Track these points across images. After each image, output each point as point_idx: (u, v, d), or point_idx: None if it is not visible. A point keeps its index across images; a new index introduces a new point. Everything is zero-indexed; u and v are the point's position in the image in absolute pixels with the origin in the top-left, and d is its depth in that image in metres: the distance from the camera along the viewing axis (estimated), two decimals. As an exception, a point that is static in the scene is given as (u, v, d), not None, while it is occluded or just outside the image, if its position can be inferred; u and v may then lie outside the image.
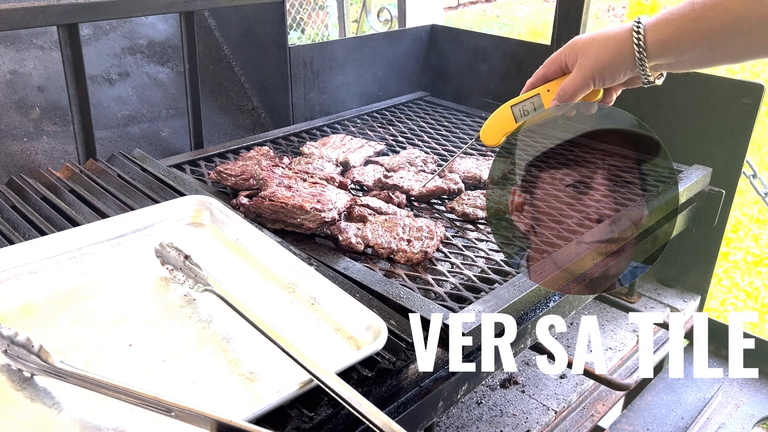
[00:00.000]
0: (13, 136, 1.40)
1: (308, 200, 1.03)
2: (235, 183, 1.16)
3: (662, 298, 1.52)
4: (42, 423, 0.65)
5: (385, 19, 2.62)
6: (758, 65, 5.53)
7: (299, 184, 1.10)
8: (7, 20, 1.10)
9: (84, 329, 0.79)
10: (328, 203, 1.03)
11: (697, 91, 1.42)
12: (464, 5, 7.48)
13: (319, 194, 1.06)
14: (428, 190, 1.19)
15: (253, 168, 1.16)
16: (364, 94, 1.84)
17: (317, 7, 4.12)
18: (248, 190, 1.16)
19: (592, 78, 0.89)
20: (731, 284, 2.95)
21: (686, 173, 1.32)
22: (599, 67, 0.88)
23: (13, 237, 0.97)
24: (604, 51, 0.87)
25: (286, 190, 1.07)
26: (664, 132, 1.48)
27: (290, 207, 1.02)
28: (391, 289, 0.88)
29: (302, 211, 1.01)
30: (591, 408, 1.25)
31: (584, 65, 0.89)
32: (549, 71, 0.95)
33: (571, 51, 0.91)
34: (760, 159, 3.97)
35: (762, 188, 1.63)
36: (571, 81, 0.91)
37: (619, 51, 0.85)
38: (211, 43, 1.76)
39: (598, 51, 0.88)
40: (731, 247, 3.20)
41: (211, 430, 0.61)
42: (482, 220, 1.13)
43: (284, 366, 0.74)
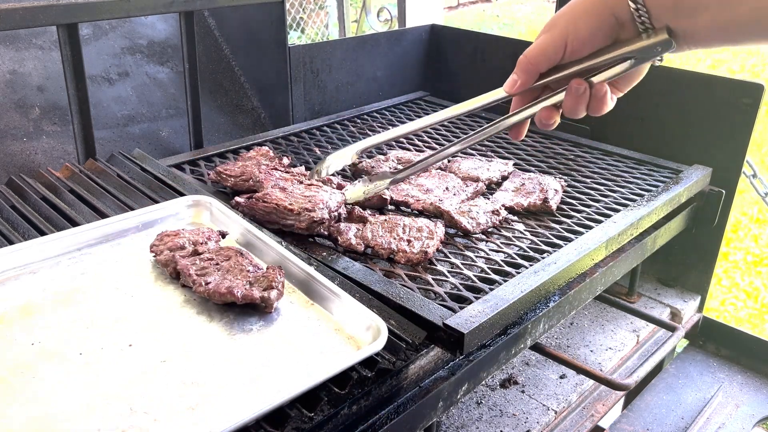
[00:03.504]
0: (12, 136, 1.40)
1: (299, 201, 1.04)
2: (235, 183, 1.16)
3: (662, 298, 1.52)
4: (42, 422, 0.65)
5: (385, 19, 2.63)
6: (758, 65, 5.53)
7: (295, 186, 1.11)
8: (6, 20, 1.10)
9: (84, 329, 0.79)
10: (319, 203, 1.03)
11: (697, 91, 1.42)
12: (464, 5, 7.48)
13: (312, 195, 1.06)
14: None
15: (253, 170, 1.16)
16: (364, 94, 1.84)
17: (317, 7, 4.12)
18: (248, 191, 1.16)
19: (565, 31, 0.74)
20: (731, 284, 2.95)
21: (686, 173, 1.32)
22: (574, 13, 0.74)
23: (12, 237, 0.97)
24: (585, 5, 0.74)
25: (280, 191, 1.08)
26: (664, 132, 1.48)
27: (281, 208, 1.03)
28: (391, 289, 0.88)
29: (292, 213, 1.02)
30: (591, 408, 1.26)
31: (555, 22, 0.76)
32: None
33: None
34: (760, 159, 3.98)
35: (762, 188, 1.63)
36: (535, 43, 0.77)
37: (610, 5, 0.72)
38: (211, 43, 1.76)
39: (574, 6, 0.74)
40: (731, 247, 3.20)
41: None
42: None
43: (284, 366, 0.74)
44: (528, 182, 1.25)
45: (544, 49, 0.76)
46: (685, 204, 1.30)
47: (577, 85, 0.76)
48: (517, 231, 1.11)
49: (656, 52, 0.72)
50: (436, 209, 1.13)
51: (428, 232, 1.03)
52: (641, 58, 0.73)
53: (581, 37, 0.73)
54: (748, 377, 1.39)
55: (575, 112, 0.78)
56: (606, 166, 1.39)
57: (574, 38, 0.74)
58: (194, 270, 0.86)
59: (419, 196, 1.18)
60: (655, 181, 1.31)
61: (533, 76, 0.78)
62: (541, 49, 0.76)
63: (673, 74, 1.45)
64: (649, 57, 0.73)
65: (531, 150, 1.47)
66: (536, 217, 1.17)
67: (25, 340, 0.76)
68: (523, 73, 0.78)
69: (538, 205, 1.18)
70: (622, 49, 0.73)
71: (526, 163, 1.41)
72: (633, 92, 0.83)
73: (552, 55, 0.76)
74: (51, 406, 0.67)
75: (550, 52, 0.76)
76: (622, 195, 1.25)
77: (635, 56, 0.73)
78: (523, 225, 1.14)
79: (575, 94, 0.77)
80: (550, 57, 0.76)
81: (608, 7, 0.71)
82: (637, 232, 1.15)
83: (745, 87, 1.34)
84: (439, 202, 1.15)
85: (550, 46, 0.75)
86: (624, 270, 1.19)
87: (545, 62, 0.77)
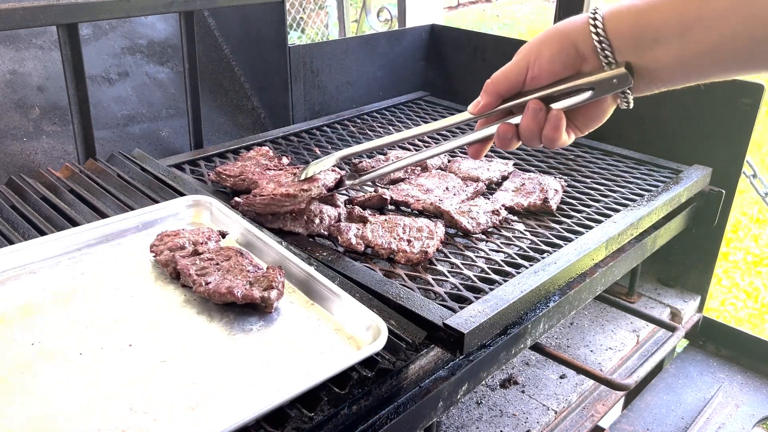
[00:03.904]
0: (12, 136, 1.40)
1: (295, 186, 1.05)
2: (234, 184, 1.16)
3: (662, 298, 1.52)
4: (42, 422, 0.65)
5: (385, 18, 2.63)
6: (758, 65, 5.52)
7: (289, 178, 1.11)
8: (6, 20, 1.10)
9: (84, 329, 0.79)
10: (315, 182, 1.04)
11: (697, 91, 1.41)
12: (464, 5, 7.48)
13: (306, 181, 1.08)
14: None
15: (249, 172, 1.17)
16: (364, 94, 1.84)
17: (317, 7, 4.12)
18: (247, 191, 1.16)
19: (528, 57, 0.76)
20: (731, 284, 2.95)
21: (686, 173, 1.32)
22: (538, 41, 0.76)
23: (12, 237, 0.97)
24: (549, 33, 0.76)
25: (275, 184, 1.09)
26: (664, 132, 1.48)
27: (279, 196, 1.03)
28: (391, 289, 0.88)
29: (289, 197, 1.02)
30: (591, 408, 1.26)
31: (522, 48, 0.78)
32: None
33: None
34: (760, 159, 3.98)
35: (762, 188, 1.63)
36: (501, 68, 0.80)
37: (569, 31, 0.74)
38: (211, 43, 1.76)
39: (543, 34, 0.77)
40: (731, 247, 3.20)
41: None
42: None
43: (284, 366, 0.74)
44: (528, 182, 1.25)
45: (507, 74, 0.79)
46: (685, 204, 1.30)
47: (533, 104, 0.78)
48: (517, 231, 1.11)
49: (614, 86, 0.73)
50: (436, 209, 1.13)
51: (428, 232, 1.03)
52: (600, 91, 0.74)
53: (542, 65, 0.76)
54: (748, 377, 1.39)
55: (529, 133, 0.79)
56: (606, 166, 1.39)
57: (535, 65, 0.76)
58: (194, 270, 0.86)
59: (419, 196, 1.18)
60: (655, 181, 1.31)
61: (496, 99, 0.81)
62: (505, 74, 0.79)
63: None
64: (608, 90, 0.74)
65: (531, 150, 1.47)
66: (536, 217, 1.17)
67: (25, 340, 0.76)
68: (486, 95, 0.81)
69: (538, 205, 1.18)
70: (580, 80, 0.75)
71: (526, 163, 1.41)
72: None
73: (514, 80, 0.79)
74: (51, 406, 0.67)
75: (512, 76, 0.79)
76: (622, 195, 1.25)
77: (593, 87, 0.74)
78: (523, 225, 1.14)
79: (531, 114, 0.78)
80: (512, 81, 0.79)
81: (571, 38, 0.73)
82: (637, 232, 1.15)
83: (745, 87, 1.34)
84: (439, 202, 1.15)
85: (513, 70, 0.78)
86: (624, 270, 1.19)
87: (507, 86, 0.79)
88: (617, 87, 0.73)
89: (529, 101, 0.78)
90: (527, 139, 0.80)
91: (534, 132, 0.79)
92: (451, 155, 1.42)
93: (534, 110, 0.78)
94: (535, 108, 0.78)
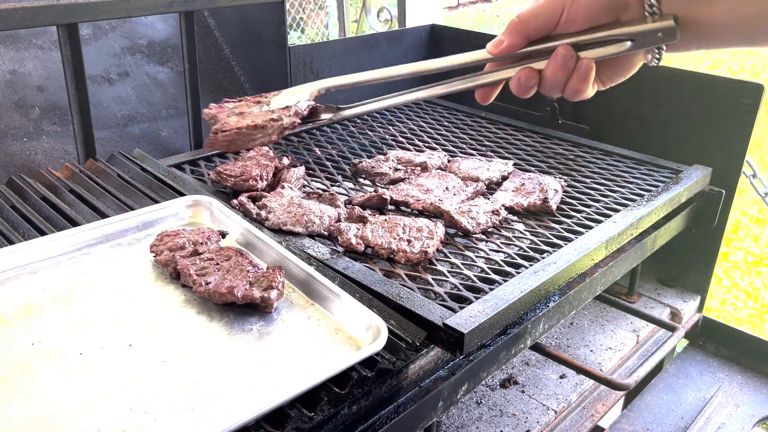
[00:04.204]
0: (12, 136, 1.40)
1: (263, 116, 0.91)
2: (235, 183, 1.16)
3: (662, 298, 1.52)
4: (42, 422, 0.65)
5: (385, 19, 2.63)
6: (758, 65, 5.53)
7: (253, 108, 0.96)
8: (7, 20, 1.10)
9: (84, 329, 0.79)
10: (286, 110, 0.89)
11: (697, 91, 1.42)
12: (464, 5, 7.48)
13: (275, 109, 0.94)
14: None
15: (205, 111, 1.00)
16: (364, 94, 1.83)
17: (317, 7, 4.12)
18: (249, 191, 1.16)
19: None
20: (731, 284, 2.95)
21: (686, 173, 1.32)
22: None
23: (12, 237, 0.97)
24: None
25: (237, 116, 0.94)
26: (664, 132, 1.48)
27: (245, 129, 0.88)
28: (391, 289, 0.88)
29: (258, 128, 0.88)
30: (591, 408, 1.26)
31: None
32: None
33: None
34: (760, 159, 3.98)
35: (762, 188, 1.63)
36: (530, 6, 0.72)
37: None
38: (211, 43, 1.76)
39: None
40: (731, 247, 3.20)
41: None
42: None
43: (284, 366, 0.74)
44: (528, 182, 1.25)
45: (538, 14, 0.70)
46: (685, 204, 1.30)
47: (564, 50, 0.70)
48: (517, 231, 1.11)
49: (657, 39, 0.66)
50: (436, 209, 1.13)
51: (428, 232, 1.03)
52: (640, 43, 0.68)
53: (579, 8, 0.68)
54: (748, 377, 1.39)
55: (554, 82, 0.71)
56: (606, 166, 1.39)
57: (571, 7, 0.68)
58: (194, 270, 0.86)
59: (419, 196, 1.18)
60: (655, 181, 1.31)
61: (522, 40, 0.72)
62: (535, 13, 0.71)
63: (673, 74, 1.45)
64: (649, 43, 0.67)
65: (531, 150, 1.47)
66: (536, 217, 1.17)
67: (25, 340, 0.76)
68: (511, 35, 0.72)
69: (538, 205, 1.18)
70: (620, 29, 0.68)
71: (526, 163, 1.41)
72: (633, 92, 0.82)
73: (545, 21, 0.70)
74: (51, 406, 0.67)
75: (544, 17, 0.70)
76: (622, 195, 1.25)
77: (634, 39, 0.68)
78: (523, 225, 1.14)
79: (560, 61, 0.70)
80: (543, 23, 0.70)
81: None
82: (637, 232, 1.15)
83: (745, 87, 1.34)
84: (439, 202, 1.15)
85: (545, 11, 0.70)
86: (624, 270, 1.19)
87: (537, 27, 0.71)
88: (661, 41, 0.65)
89: (558, 47, 0.70)
90: (550, 88, 0.72)
91: (560, 81, 0.71)
92: (451, 155, 1.42)
93: (564, 57, 0.70)
94: (565, 54, 0.69)
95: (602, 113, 1.54)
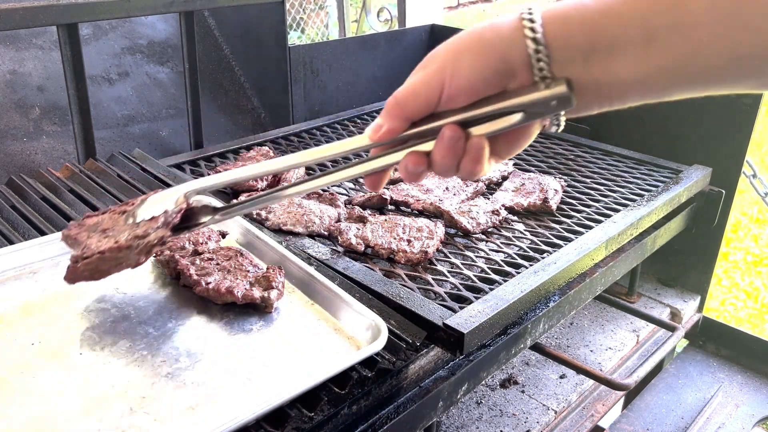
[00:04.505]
0: (12, 136, 1.40)
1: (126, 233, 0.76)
2: (235, 184, 1.16)
3: (662, 298, 1.52)
4: (42, 422, 0.65)
5: (385, 19, 2.63)
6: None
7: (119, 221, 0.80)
8: (7, 20, 1.10)
9: (84, 329, 0.79)
10: (153, 223, 0.74)
11: (697, 91, 1.41)
12: (464, 5, 7.48)
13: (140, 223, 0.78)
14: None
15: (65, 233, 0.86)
16: (364, 94, 1.84)
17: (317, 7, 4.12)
18: (249, 191, 1.16)
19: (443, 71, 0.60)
20: (731, 284, 2.95)
21: (686, 173, 1.32)
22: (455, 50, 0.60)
23: (12, 237, 0.97)
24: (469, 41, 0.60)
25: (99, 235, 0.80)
26: (664, 132, 1.48)
27: (107, 254, 0.75)
28: (391, 289, 0.88)
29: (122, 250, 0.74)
30: (591, 408, 1.26)
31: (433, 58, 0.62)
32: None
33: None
34: (760, 159, 3.98)
35: (762, 188, 1.64)
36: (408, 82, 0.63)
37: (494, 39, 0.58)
38: (211, 43, 1.76)
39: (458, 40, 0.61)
40: (731, 247, 3.20)
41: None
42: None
43: (284, 366, 0.74)
44: (528, 182, 1.25)
45: (416, 91, 0.61)
46: (685, 204, 1.30)
47: (450, 132, 0.60)
48: (517, 231, 1.11)
49: (551, 108, 0.57)
50: (436, 209, 1.13)
51: (428, 232, 1.03)
52: (532, 114, 0.59)
53: (461, 83, 0.59)
54: (748, 377, 1.39)
55: (445, 166, 0.62)
56: (606, 166, 1.39)
57: (451, 82, 0.59)
58: (194, 270, 0.86)
59: (419, 196, 1.18)
60: (655, 181, 1.31)
61: (402, 123, 0.63)
62: (413, 93, 0.61)
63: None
64: (542, 113, 0.59)
65: (531, 150, 1.47)
66: (536, 217, 1.17)
67: (25, 340, 0.76)
68: (390, 118, 0.62)
69: (538, 205, 1.18)
70: (509, 100, 0.59)
71: (526, 163, 1.41)
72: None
73: (425, 101, 0.61)
74: (51, 406, 0.67)
75: (422, 96, 0.61)
76: (622, 195, 1.25)
77: (526, 110, 0.59)
78: (523, 225, 1.14)
79: (447, 143, 0.61)
80: (423, 103, 0.61)
81: (497, 48, 0.57)
82: (637, 232, 1.15)
83: (745, 87, 1.34)
84: (439, 202, 1.15)
85: (423, 88, 0.61)
86: (624, 270, 1.19)
87: (417, 108, 0.62)
88: (556, 109, 0.57)
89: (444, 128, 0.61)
90: (441, 172, 0.63)
91: (450, 165, 0.62)
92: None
93: (451, 139, 0.60)
94: (452, 136, 0.60)
95: (602, 113, 1.54)
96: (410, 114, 0.62)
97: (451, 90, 0.59)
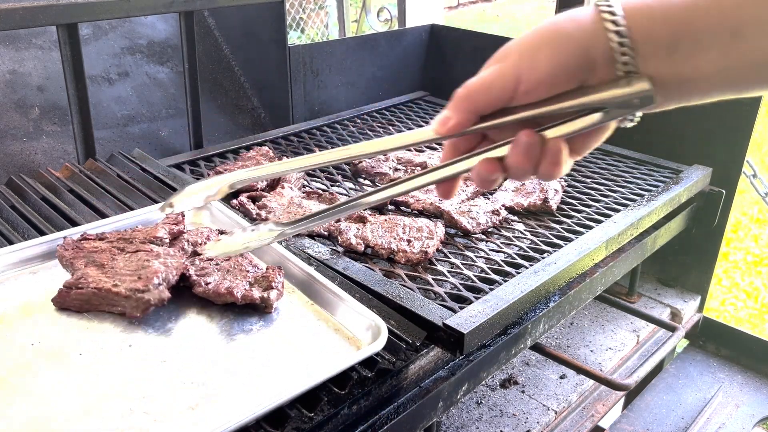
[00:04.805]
0: (12, 136, 1.40)
1: (126, 278, 0.81)
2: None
3: (662, 298, 1.52)
4: (42, 422, 0.65)
5: (385, 18, 2.63)
6: (758, 65, 5.52)
7: (117, 257, 0.86)
8: (6, 20, 1.10)
9: (84, 329, 0.79)
10: (152, 278, 0.80)
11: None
12: (464, 5, 7.49)
13: (141, 267, 0.83)
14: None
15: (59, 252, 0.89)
16: (364, 94, 1.84)
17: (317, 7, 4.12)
18: (248, 191, 1.16)
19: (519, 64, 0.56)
20: (731, 284, 2.95)
21: (686, 173, 1.32)
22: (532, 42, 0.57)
23: (12, 237, 0.97)
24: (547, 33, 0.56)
25: (96, 269, 0.83)
26: (664, 132, 1.48)
27: (104, 292, 0.79)
28: (391, 289, 0.88)
29: (119, 296, 0.79)
30: (591, 408, 1.25)
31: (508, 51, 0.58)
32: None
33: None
34: (760, 159, 3.98)
35: (762, 188, 1.64)
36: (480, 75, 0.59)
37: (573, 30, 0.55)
38: (210, 43, 1.76)
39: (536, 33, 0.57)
40: (731, 247, 3.20)
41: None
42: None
43: (284, 366, 0.74)
44: (528, 182, 1.25)
45: (488, 85, 0.57)
46: (685, 204, 1.30)
47: (526, 138, 0.57)
48: (517, 231, 1.11)
49: (633, 106, 0.54)
50: (436, 209, 1.13)
51: (428, 232, 1.03)
52: (614, 112, 0.56)
53: (540, 77, 0.55)
54: (748, 377, 1.39)
55: (521, 172, 0.59)
56: (606, 166, 1.39)
57: (529, 75, 0.56)
58: (194, 270, 0.86)
59: (419, 195, 1.18)
60: (655, 181, 1.31)
61: (471, 117, 0.59)
62: (486, 84, 0.58)
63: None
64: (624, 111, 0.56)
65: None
66: (536, 217, 1.17)
67: (25, 340, 0.76)
68: (458, 112, 0.59)
69: (538, 205, 1.18)
70: (590, 97, 0.55)
71: (526, 163, 1.40)
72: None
73: (498, 94, 0.57)
74: (51, 406, 0.67)
75: (496, 89, 0.57)
76: (622, 195, 1.25)
77: (607, 107, 0.56)
78: (523, 225, 1.14)
79: (523, 150, 0.57)
80: (495, 96, 0.58)
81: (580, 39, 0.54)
82: (637, 232, 1.15)
83: (745, 87, 1.34)
84: (439, 202, 1.15)
85: (497, 81, 0.57)
86: (624, 270, 1.19)
87: (488, 102, 0.58)
88: (637, 107, 0.55)
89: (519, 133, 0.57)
90: (517, 176, 0.60)
91: (527, 170, 0.59)
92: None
93: (527, 144, 0.57)
94: (528, 142, 0.57)
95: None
96: (481, 107, 0.59)
97: (529, 84, 0.56)
